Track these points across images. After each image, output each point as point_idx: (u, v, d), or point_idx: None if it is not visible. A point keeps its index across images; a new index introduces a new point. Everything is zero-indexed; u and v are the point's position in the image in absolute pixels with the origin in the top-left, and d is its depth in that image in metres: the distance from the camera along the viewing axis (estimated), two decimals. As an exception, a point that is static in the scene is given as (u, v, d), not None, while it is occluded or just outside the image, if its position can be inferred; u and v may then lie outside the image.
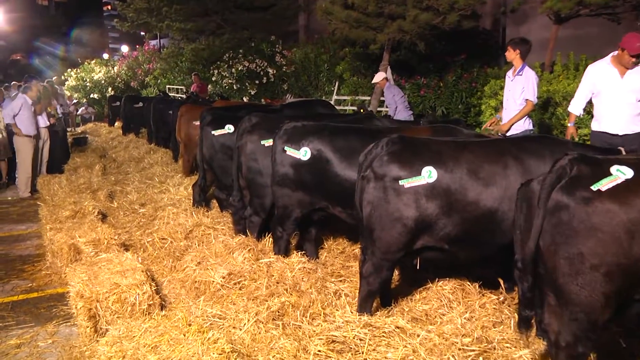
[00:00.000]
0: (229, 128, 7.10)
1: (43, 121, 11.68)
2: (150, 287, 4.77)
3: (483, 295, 4.80)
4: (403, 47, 14.88)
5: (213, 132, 7.21)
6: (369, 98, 15.41)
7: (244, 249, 5.61)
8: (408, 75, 15.60)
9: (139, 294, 4.68)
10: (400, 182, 4.14)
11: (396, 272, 5.28)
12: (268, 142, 5.89)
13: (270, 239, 6.07)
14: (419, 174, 4.13)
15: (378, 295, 4.66)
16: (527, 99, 7.35)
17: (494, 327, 4.30)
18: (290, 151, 5.31)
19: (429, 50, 13.82)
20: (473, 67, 14.60)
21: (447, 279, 5.03)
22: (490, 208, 4.08)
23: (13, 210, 9.93)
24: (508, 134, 7.45)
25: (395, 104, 10.63)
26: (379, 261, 4.35)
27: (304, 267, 5.25)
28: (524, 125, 7.45)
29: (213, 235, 6.53)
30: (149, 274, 5.16)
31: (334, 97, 17.29)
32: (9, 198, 11.00)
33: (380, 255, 4.33)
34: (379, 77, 11.18)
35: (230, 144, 6.94)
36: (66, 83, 30.01)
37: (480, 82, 13.78)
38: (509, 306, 4.64)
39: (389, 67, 14.07)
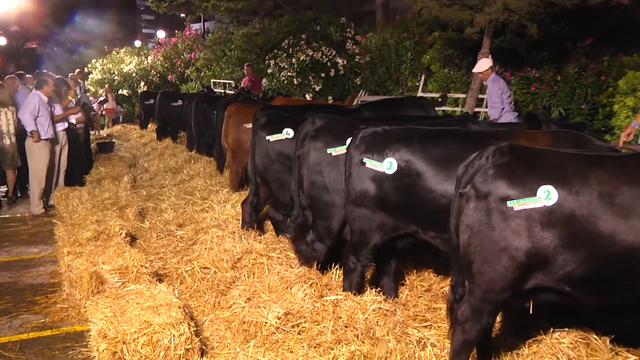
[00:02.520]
0: (288, 133, 7.16)
1: (61, 122, 12.01)
2: (189, 328, 4.83)
3: (616, 354, 4.61)
4: (509, 30, 14.64)
5: (268, 138, 7.29)
6: (463, 95, 15.23)
7: (304, 283, 5.60)
8: (515, 66, 15.33)
9: (174, 336, 4.74)
10: (509, 204, 4.06)
11: (498, 317, 5.15)
12: (336, 151, 5.91)
13: (338, 271, 6.04)
14: (534, 194, 4.03)
15: (475, 347, 4.56)
16: None
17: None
18: (370, 163, 5.31)
19: (543, 34, 13.53)
20: (603, 55, 14.17)
21: (566, 329, 4.87)
22: (630, 243, 3.91)
23: (24, 230, 10.29)
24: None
25: (502, 103, 10.46)
26: (479, 303, 4.27)
27: (380, 308, 5.19)
28: None
29: (267, 265, 6.58)
30: (187, 311, 5.23)
31: (419, 94, 17.17)
32: (19, 215, 11.41)
33: (480, 295, 4.25)
34: (483, 65, 11.01)
35: (290, 153, 6.98)
36: (90, 76, 31.09)
37: (613, 75, 13.38)
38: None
39: (490, 56, 13.88)
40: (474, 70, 11.46)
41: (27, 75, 15.12)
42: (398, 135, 5.35)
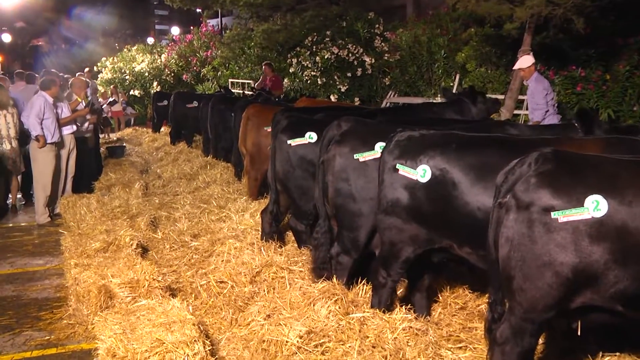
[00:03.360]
0: (311, 137, 7.16)
1: (68, 125, 12.05)
2: (204, 346, 4.84)
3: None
4: (552, 25, 14.54)
5: (289, 142, 7.30)
6: (501, 97, 15.13)
7: (328, 299, 5.58)
8: (559, 64, 15.24)
9: (188, 355, 4.74)
10: (553, 215, 4.03)
11: (541, 339, 5.09)
12: (363, 156, 5.92)
13: (366, 286, 6.03)
14: (581, 204, 3.99)
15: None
16: None
17: None
18: (403, 170, 5.30)
19: (590, 29, 13.44)
20: (657, 51, 14.06)
21: (617, 353, 4.81)
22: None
23: (28, 240, 10.38)
24: None
25: (546, 105, 10.38)
26: (520, 322, 4.24)
27: (410, 327, 5.17)
28: None
29: (288, 280, 6.58)
30: (202, 328, 5.25)
31: (454, 95, 17.14)
32: (23, 224, 11.52)
33: (521, 314, 4.22)
34: (526, 61, 10.95)
35: (313, 158, 6.99)
36: (99, 76, 31.38)
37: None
38: None
39: (531, 53, 13.79)
40: (515, 66, 11.39)
41: (29, 74, 15.33)
42: (434, 141, 5.33)
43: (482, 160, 5.07)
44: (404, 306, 5.64)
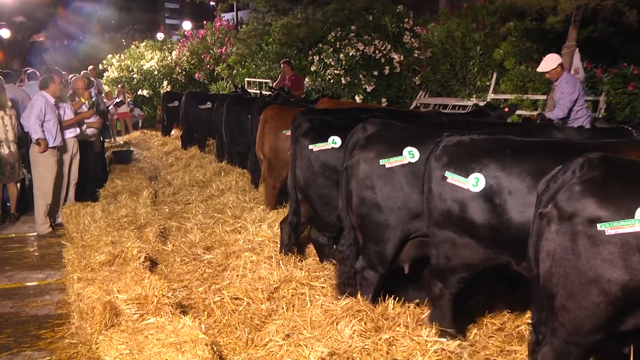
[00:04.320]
0: (334, 141, 7.19)
1: (72, 128, 12.12)
2: (217, 369, 4.84)
3: None
4: (600, 18, 14.48)
5: (311, 147, 7.33)
6: (543, 97, 15.07)
7: (352, 318, 5.59)
8: (608, 61, 15.13)
9: (200, 378, 4.76)
10: (600, 227, 4.00)
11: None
12: (390, 162, 5.94)
13: (394, 303, 6.03)
14: (631, 215, 3.96)
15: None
16: None
17: None
18: (453, 178, 5.26)
19: (644, 22, 13.33)
20: None
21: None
22: None
23: (27, 252, 10.49)
24: None
25: (581, 105, 10.36)
26: (563, 346, 4.22)
27: (443, 350, 5.15)
28: None
29: (308, 296, 6.59)
30: (215, 349, 5.27)
31: (490, 95, 17.07)
32: (23, 234, 11.61)
33: (564, 336, 4.19)
34: (550, 62, 10.90)
35: (336, 164, 7.02)
36: (105, 74, 31.54)
37: None
38: None
39: (577, 50, 13.72)
40: (539, 68, 11.32)
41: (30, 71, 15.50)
42: (487, 146, 5.31)
43: (541, 166, 4.95)
44: (435, 325, 5.63)
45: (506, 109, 10.11)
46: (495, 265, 5.32)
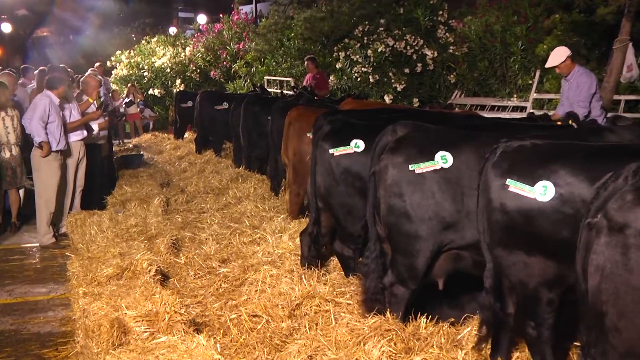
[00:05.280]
0: (357, 145, 7.20)
1: (78, 130, 12.17)
2: (234, 391, 4.87)
3: None
4: (657, 10, 14.37)
5: (331, 151, 7.36)
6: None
7: (381, 338, 5.60)
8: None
9: (215, 401, 4.79)
10: (655, 239, 3.94)
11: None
12: (420, 167, 5.94)
13: (424, 322, 6.03)
14: (691, 228, 3.91)
15: None
16: None
17: None
18: (516, 187, 5.12)
19: None
20: None
21: None
22: None
23: (29, 264, 10.59)
24: None
25: (589, 104, 10.35)
26: (615, 370, 4.14)
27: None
28: None
29: (333, 314, 6.60)
30: (231, 370, 5.28)
31: (533, 94, 16.98)
32: (24, 245, 11.70)
33: (617, 359, 4.11)
34: (558, 55, 10.89)
35: (360, 170, 7.06)
36: (113, 72, 31.70)
37: None
38: None
39: (630, 45, 13.64)
40: (548, 64, 11.25)
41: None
42: (554, 151, 5.20)
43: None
44: (471, 343, 5.63)
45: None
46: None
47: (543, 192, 4.99)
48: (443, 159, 5.90)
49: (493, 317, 5.54)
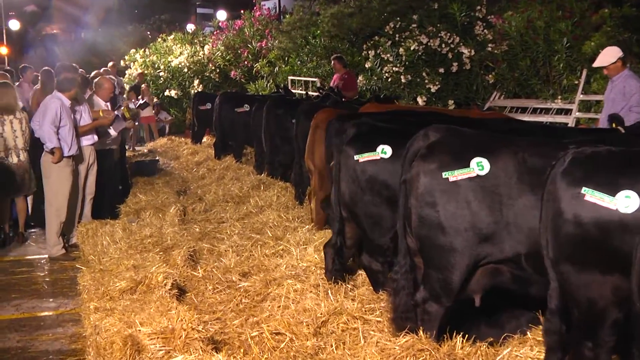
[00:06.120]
0: (384, 151, 7.21)
1: (89, 135, 12.19)
2: (255, 415, 4.89)
3: None
4: None
5: (356, 157, 7.37)
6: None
7: (414, 358, 5.60)
8: None
9: None
10: None
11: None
12: (454, 175, 5.93)
13: (460, 341, 6.03)
14: None
15: None
16: None
17: None
18: (593, 196, 4.97)
19: None
20: None
21: None
22: None
23: (37, 277, 10.63)
24: None
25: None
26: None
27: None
28: None
29: (362, 332, 6.59)
30: (252, 392, 5.29)
31: (579, 96, 16.87)
32: (31, 257, 11.75)
33: None
34: (610, 55, 10.86)
35: (386, 178, 7.09)
36: (127, 72, 31.84)
37: None
38: None
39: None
40: (596, 63, 11.21)
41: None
42: (637, 159, 5.09)
43: None
44: None
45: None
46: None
47: (626, 203, 4.84)
48: (479, 166, 5.87)
49: (560, 341, 5.39)
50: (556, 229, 5.18)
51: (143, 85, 28.17)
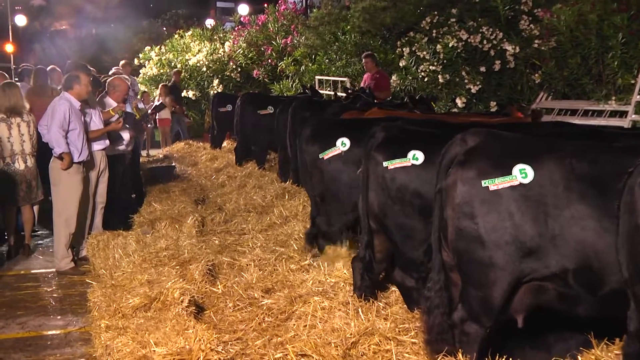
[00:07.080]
0: (416, 157, 7.22)
1: (100, 139, 12.25)
2: None
3: None
4: None
5: (385, 164, 7.39)
6: None
7: (450, 384, 5.61)
8: None
9: None
10: None
11: None
12: (495, 183, 5.91)
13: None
14: None
15: None
16: None
17: None
18: None
19: None
20: None
21: None
22: None
23: (44, 293, 10.68)
24: None
25: None
26: None
27: None
28: None
29: (395, 354, 6.61)
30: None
31: (635, 97, 16.76)
32: (38, 271, 11.81)
33: None
34: None
35: (418, 187, 7.11)
36: (141, 71, 31.98)
37: None
38: None
39: None
40: None
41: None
42: None
43: None
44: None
45: None
46: None
47: None
48: (522, 173, 5.84)
49: None
50: (634, 244, 5.03)
51: (161, 85, 28.03)
